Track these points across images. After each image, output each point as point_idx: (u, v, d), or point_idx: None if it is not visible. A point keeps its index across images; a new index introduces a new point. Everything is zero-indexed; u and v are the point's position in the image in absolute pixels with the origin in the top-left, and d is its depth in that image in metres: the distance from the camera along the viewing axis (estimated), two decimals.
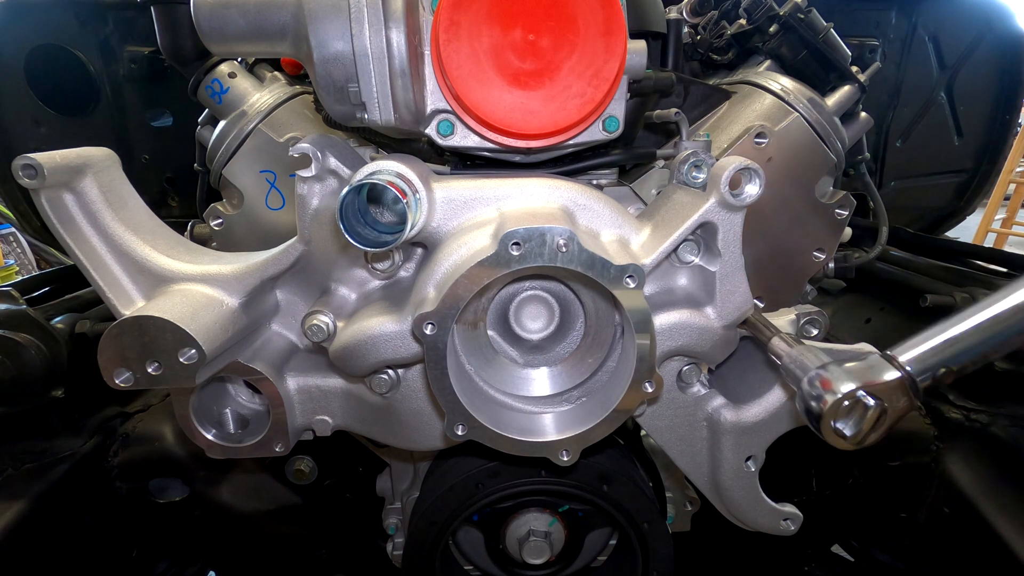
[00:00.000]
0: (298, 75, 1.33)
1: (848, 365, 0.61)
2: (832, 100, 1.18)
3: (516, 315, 0.88)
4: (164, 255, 0.86)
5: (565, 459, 0.81)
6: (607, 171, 0.99)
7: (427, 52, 0.77)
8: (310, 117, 1.25)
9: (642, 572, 1.13)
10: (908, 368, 0.59)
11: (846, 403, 0.58)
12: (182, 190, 1.90)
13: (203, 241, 1.26)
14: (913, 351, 0.60)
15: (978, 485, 1.31)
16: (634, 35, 0.81)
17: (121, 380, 0.77)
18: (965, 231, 4.99)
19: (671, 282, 0.85)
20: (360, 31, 0.72)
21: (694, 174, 0.84)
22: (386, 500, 1.41)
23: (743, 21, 1.20)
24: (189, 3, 0.75)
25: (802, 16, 1.15)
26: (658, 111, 1.01)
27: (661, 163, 1.01)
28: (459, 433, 0.78)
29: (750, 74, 1.22)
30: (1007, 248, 3.63)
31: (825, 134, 1.13)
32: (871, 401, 0.58)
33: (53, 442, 1.34)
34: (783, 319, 0.93)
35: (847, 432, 0.59)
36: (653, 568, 1.11)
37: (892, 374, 0.59)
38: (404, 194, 0.72)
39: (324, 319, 0.82)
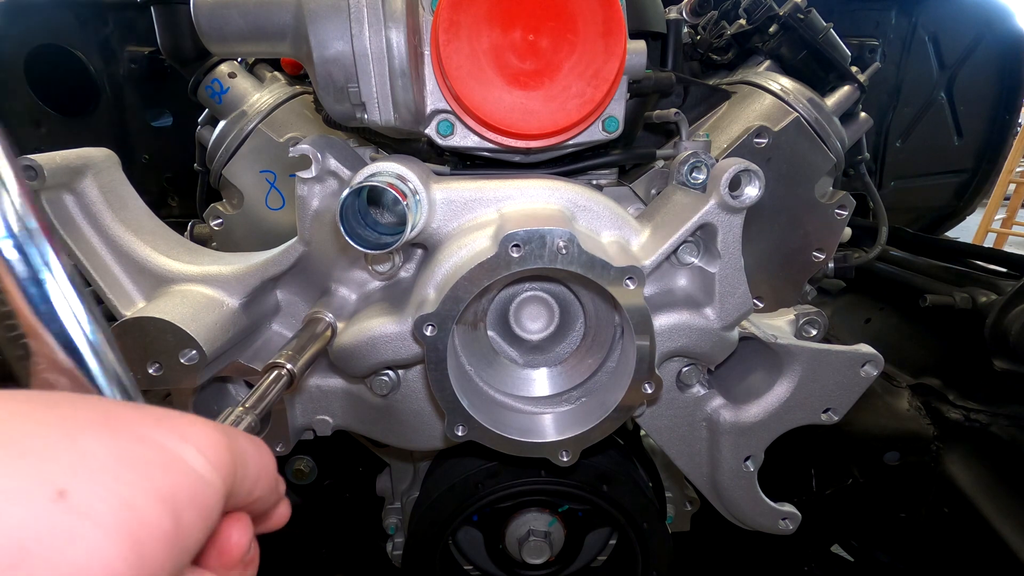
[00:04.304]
0: (298, 75, 1.33)
1: None
2: (832, 100, 1.18)
3: (516, 316, 0.88)
4: (164, 255, 0.86)
5: (565, 459, 0.82)
6: (607, 171, 0.99)
7: (427, 52, 0.77)
8: (310, 117, 1.25)
9: (642, 572, 1.13)
10: None
11: None
12: (182, 190, 1.90)
13: (203, 241, 1.26)
14: None
15: (978, 485, 1.31)
16: (634, 35, 0.81)
17: None
18: (965, 231, 4.99)
19: (671, 283, 0.85)
20: (360, 31, 0.72)
21: (694, 175, 0.84)
22: (386, 500, 1.41)
23: (743, 21, 1.20)
24: (189, 3, 0.75)
25: (802, 16, 1.15)
26: (658, 111, 1.00)
27: (661, 163, 1.01)
28: (459, 434, 0.78)
29: (750, 74, 1.21)
30: (1007, 248, 3.63)
31: (825, 134, 1.13)
32: None
33: None
34: (783, 319, 0.93)
35: None
36: (653, 568, 1.12)
37: None
38: (404, 196, 0.72)
39: (324, 320, 0.83)
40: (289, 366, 0.70)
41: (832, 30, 1.17)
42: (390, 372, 0.87)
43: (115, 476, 0.25)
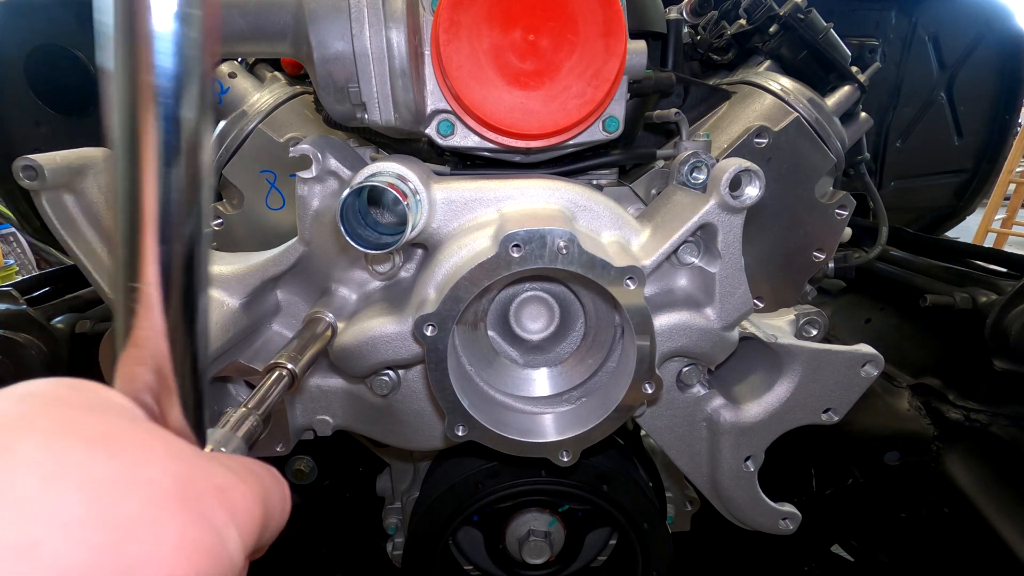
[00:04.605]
0: (298, 75, 1.33)
1: None
2: (832, 100, 1.18)
3: (516, 316, 0.88)
4: None
5: (565, 459, 0.82)
6: (607, 171, 0.99)
7: (427, 52, 0.77)
8: (310, 117, 1.25)
9: (642, 572, 1.13)
10: None
11: None
12: None
13: None
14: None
15: (978, 485, 1.31)
16: (634, 35, 0.81)
17: None
18: (965, 231, 4.99)
19: (671, 283, 0.85)
20: (360, 31, 0.72)
21: (694, 175, 0.84)
22: (386, 500, 1.41)
23: (743, 21, 1.20)
24: None
25: (802, 16, 1.15)
26: (658, 111, 1.00)
27: (661, 163, 1.01)
28: (459, 434, 0.78)
29: (750, 74, 1.21)
30: (1007, 248, 3.63)
31: (825, 134, 1.13)
32: None
33: None
34: (783, 319, 0.93)
35: None
36: (653, 568, 1.12)
37: None
38: (404, 196, 0.72)
39: (325, 320, 0.82)
40: (290, 366, 0.70)
41: (832, 30, 1.17)
42: (390, 372, 0.87)
43: (173, 567, 0.29)
